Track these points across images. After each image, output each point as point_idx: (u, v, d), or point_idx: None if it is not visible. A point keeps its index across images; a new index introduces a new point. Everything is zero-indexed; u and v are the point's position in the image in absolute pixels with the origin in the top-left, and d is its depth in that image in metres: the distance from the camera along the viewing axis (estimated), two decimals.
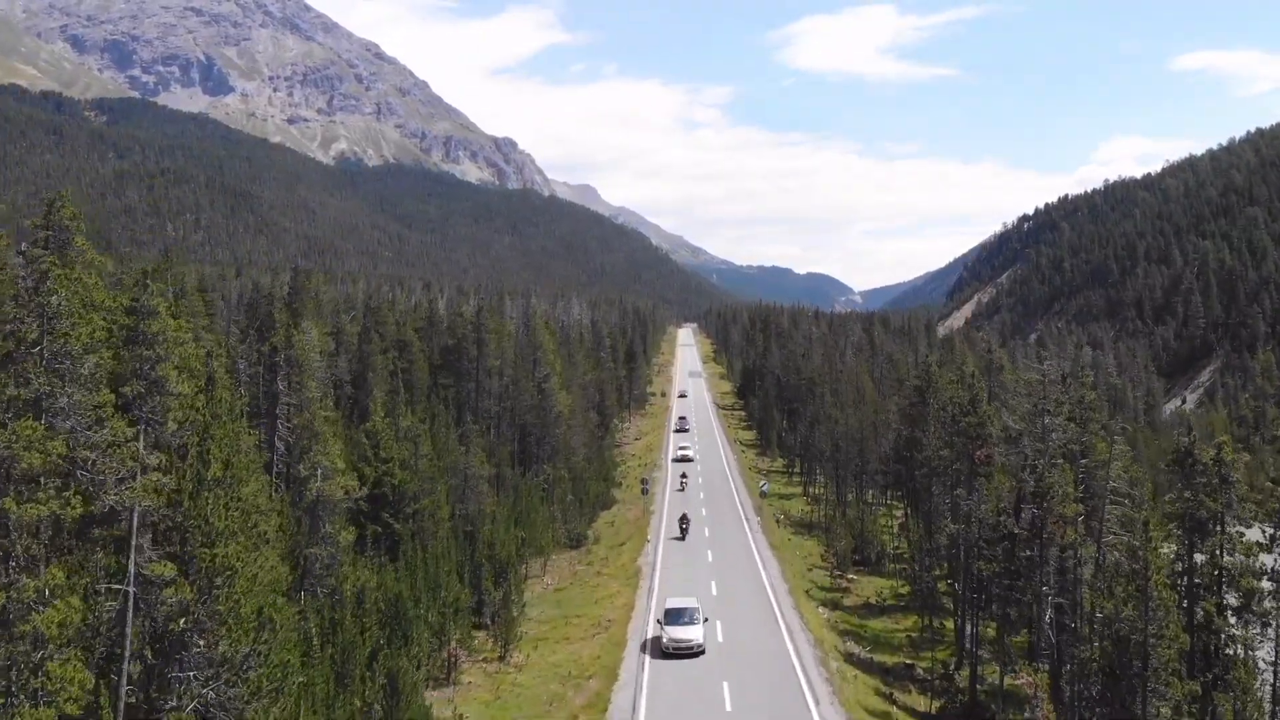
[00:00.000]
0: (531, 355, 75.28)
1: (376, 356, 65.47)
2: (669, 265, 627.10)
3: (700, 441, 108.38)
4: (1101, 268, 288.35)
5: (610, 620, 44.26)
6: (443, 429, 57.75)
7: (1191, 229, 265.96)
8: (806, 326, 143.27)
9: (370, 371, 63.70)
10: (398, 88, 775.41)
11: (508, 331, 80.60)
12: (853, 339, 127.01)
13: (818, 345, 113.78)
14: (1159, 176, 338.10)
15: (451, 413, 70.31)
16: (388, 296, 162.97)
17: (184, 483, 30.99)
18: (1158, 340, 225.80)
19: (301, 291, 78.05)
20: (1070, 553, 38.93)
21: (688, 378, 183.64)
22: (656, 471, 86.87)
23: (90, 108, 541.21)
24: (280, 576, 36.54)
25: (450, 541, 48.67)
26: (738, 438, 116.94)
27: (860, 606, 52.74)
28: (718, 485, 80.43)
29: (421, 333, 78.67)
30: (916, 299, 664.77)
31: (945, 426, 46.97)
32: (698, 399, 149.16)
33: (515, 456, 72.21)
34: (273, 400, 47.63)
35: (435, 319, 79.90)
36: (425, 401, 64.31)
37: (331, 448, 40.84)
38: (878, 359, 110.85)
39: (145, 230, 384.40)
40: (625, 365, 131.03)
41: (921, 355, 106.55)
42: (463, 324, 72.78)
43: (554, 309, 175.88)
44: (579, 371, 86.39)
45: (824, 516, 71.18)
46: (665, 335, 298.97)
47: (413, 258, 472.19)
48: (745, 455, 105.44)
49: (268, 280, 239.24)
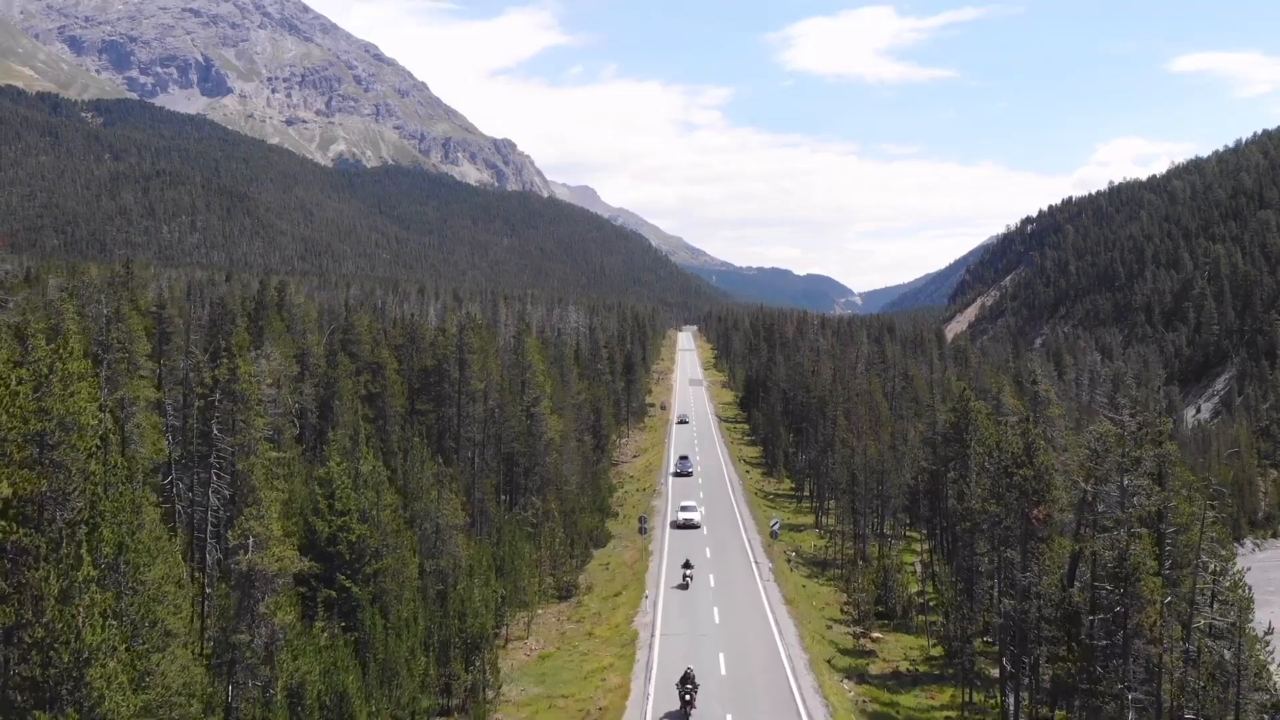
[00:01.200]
0: (520, 376, 68.33)
1: (345, 381, 58.50)
2: (668, 267, 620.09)
3: (702, 459, 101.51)
4: (1108, 271, 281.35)
5: (601, 709, 37.28)
6: (416, 466, 50.83)
7: (1201, 232, 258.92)
8: (812, 335, 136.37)
9: (337, 399, 56.71)
10: (396, 89, 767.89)
11: (494, 350, 73.62)
12: (862, 351, 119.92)
13: (826, 359, 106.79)
14: (1165, 178, 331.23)
15: (429, 444, 63.41)
16: (379, 303, 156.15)
17: (48, 585, 24.17)
18: (1169, 346, 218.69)
19: (269, 306, 71.08)
20: (1154, 644, 32.01)
21: (688, 386, 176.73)
22: (655, 499, 79.92)
23: (87, 109, 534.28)
24: (195, 678, 29.62)
25: (417, 604, 41.72)
26: (741, 455, 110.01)
27: (889, 676, 45.76)
28: (722, 515, 73.48)
29: (401, 350, 71.73)
30: (917, 301, 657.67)
31: (992, 476, 40.03)
32: (699, 411, 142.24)
33: (500, 488, 65.34)
34: (210, 446, 40.75)
35: (417, 334, 72.97)
36: (400, 431, 57.46)
37: (268, 510, 33.91)
38: (890, 373, 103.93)
39: (140, 232, 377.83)
40: (623, 377, 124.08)
41: (937, 371, 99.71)
42: (446, 342, 65.81)
43: (550, 315, 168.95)
44: (572, 391, 79.51)
45: (840, 555, 64.30)
46: (665, 340, 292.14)
47: (411, 260, 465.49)
48: (750, 475, 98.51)
49: (255, 287, 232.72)
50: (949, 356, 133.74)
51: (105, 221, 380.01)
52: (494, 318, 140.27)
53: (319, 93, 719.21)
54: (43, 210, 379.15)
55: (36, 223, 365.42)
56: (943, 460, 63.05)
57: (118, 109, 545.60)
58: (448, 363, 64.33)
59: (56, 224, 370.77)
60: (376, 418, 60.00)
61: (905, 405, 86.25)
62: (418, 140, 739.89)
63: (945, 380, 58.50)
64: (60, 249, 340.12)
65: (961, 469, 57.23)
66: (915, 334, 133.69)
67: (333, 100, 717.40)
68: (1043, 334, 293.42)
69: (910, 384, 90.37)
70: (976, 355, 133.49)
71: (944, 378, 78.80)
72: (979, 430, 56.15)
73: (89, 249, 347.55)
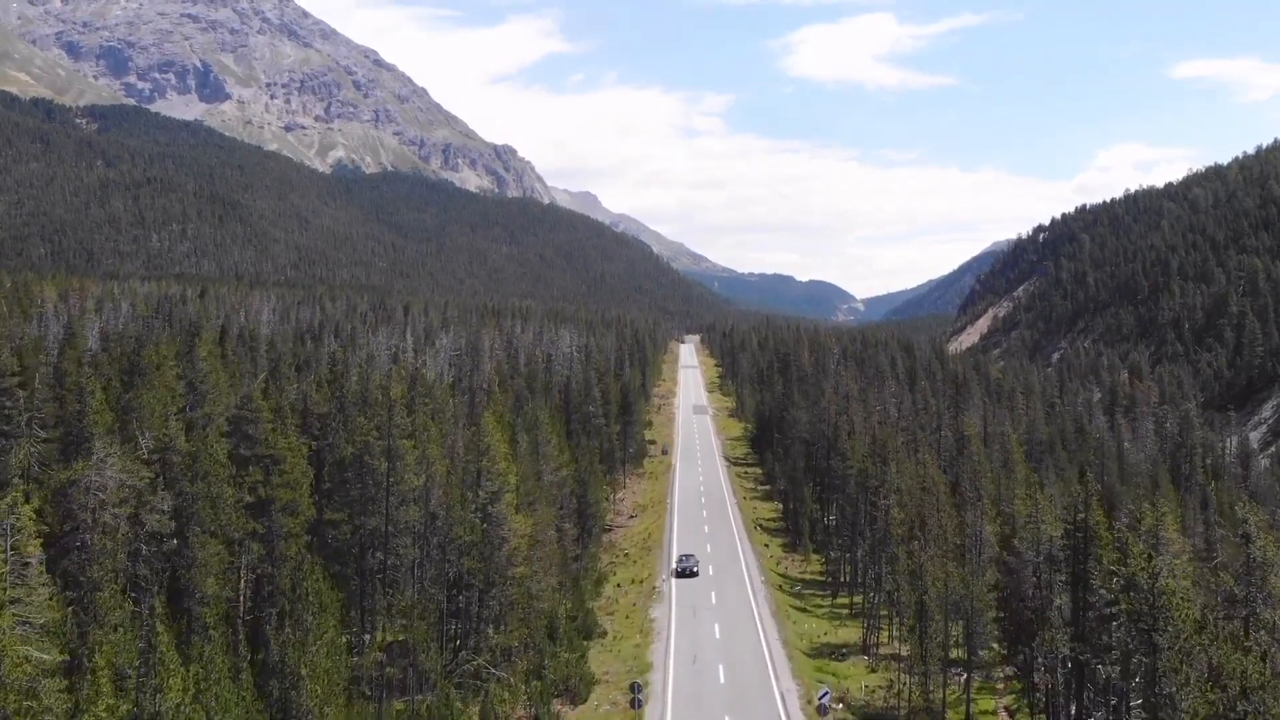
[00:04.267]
0: (476, 465, 50.30)
1: (200, 504, 40.46)
2: (670, 275, 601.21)
3: (710, 525, 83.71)
4: (1129, 283, 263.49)
5: None
6: (294, 652, 33.01)
7: (1230, 243, 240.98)
8: (833, 367, 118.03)
9: (195, 524, 38.73)
10: (396, 95, 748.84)
11: (445, 424, 55.53)
12: (891, 391, 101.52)
13: (856, 407, 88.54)
14: (1184, 186, 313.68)
15: (346, 566, 45.55)
16: (349, 329, 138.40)
17: None
18: (1204, 367, 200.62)
19: (145, 370, 53.05)
20: None
21: (692, 415, 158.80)
22: (653, 605, 61.82)
23: (82, 115, 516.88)
24: None
25: None
26: (757, 518, 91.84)
27: None
28: (742, 637, 55.57)
29: (322, 424, 53.60)
30: (922, 307, 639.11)
31: None
32: (705, 450, 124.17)
33: (444, 621, 47.40)
34: None
35: (348, 401, 54.91)
36: (290, 573, 39.71)
37: None
38: (931, 421, 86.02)
39: (129, 241, 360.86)
40: (619, 419, 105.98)
41: (992, 424, 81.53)
42: (367, 425, 47.76)
43: (541, 339, 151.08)
44: (550, 467, 61.46)
45: (902, 701, 46.36)
46: (666, 355, 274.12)
47: (408, 268, 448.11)
48: (770, 551, 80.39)
49: (235, 300, 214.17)
50: (993, 393, 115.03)
51: (93, 230, 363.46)
52: (476, 347, 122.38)
53: (318, 98, 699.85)
54: (30, 219, 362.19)
55: (23, 231, 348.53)
56: (1043, 584, 45.28)
57: (113, 115, 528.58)
58: (372, 452, 46.45)
59: (44, 233, 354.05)
60: (265, 538, 42.11)
61: (963, 472, 68.29)
62: (417, 146, 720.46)
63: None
64: (47, 258, 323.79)
65: (1079, 601, 40.33)
66: (958, 374, 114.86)
67: (332, 106, 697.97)
68: (1060, 348, 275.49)
69: (965, 450, 72.29)
70: (1036, 403, 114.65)
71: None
72: (1102, 567, 38.63)
73: (76, 258, 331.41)
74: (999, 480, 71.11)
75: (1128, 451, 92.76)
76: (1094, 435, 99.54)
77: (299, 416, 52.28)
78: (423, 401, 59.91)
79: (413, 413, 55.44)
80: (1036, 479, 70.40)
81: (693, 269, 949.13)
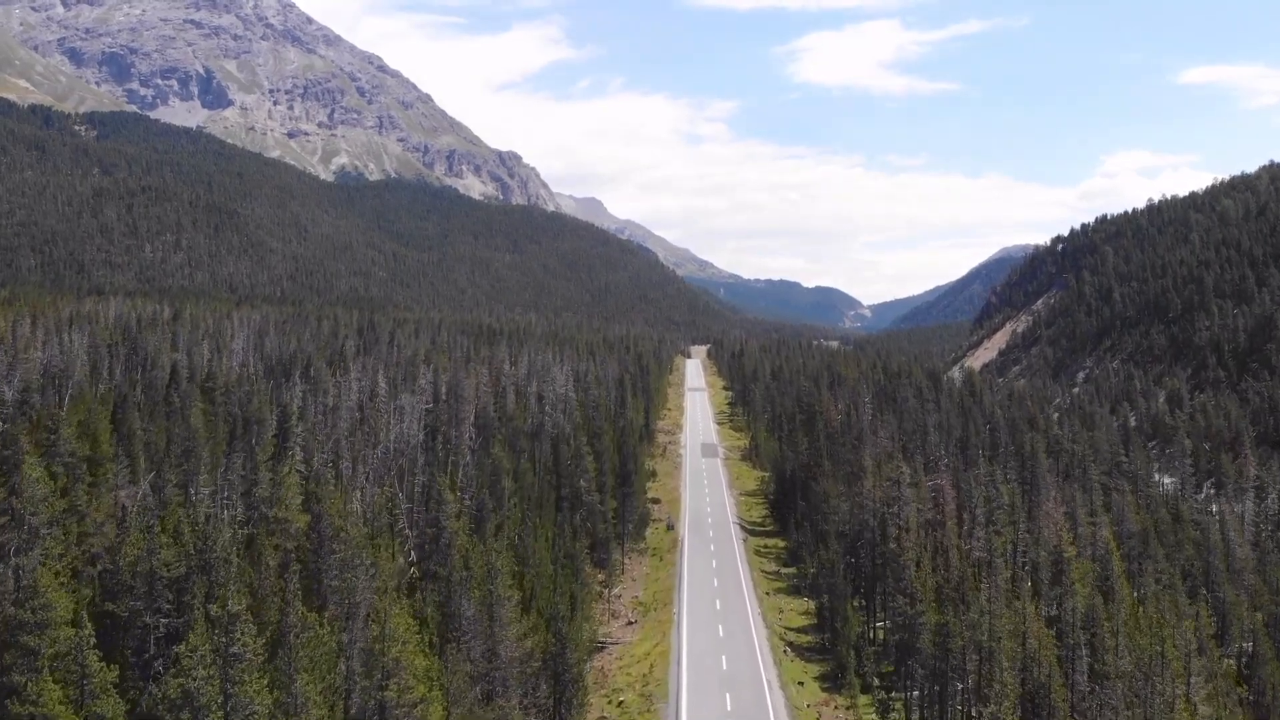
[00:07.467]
0: (377, 697, 32.07)
1: None
2: (675, 283, 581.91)
3: (728, 641, 65.66)
4: (1160, 300, 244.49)
5: None
6: None
7: (1271, 259, 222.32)
8: (867, 424, 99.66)
9: None
10: (400, 101, 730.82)
11: (328, 633, 37.26)
12: (947, 470, 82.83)
13: (910, 493, 69.40)
14: (1211, 196, 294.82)
15: None
16: (313, 370, 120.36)
17: None
18: (1253, 397, 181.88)
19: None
20: None
21: (701, 459, 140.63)
22: None
23: (80, 122, 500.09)
24: None
25: None
26: (784, 623, 73.44)
27: None
28: None
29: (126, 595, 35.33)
30: (930, 315, 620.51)
31: None
32: (718, 517, 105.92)
33: None
34: None
35: (212, 557, 36.62)
36: None
37: None
38: (1002, 518, 67.93)
39: (121, 251, 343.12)
40: (616, 492, 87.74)
41: (1083, 528, 63.30)
42: (218, 633, 29.37)
43: (531, 378, 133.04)
44: (508, 632, 42.84)
45: None
46: (671, 373, 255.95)
47: (408, 278, 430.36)
48: (805, 693, 61.97)
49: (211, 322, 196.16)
50: (1056, 456, 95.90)
51: (85, 240, 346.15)
52: (457, 393, 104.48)
53: (321, 105, 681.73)
54: (20, 229, 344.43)
55: (13, 242, 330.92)
56: None
57: (112, 121, 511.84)
58: (197, 700, 28.44)
59: (34, 243, 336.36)
60: None
61: (1068, 617, 50.02)
62: (421, 153, 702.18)
63: (1100, 546, 25.71)
64: (36, 269, 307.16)
65: None
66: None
67: (335, 112, 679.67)
68: (1085, 368, 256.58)
69: (1062, 576, 53.91)
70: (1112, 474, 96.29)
71: (1094, 539, 43.55)
72: None
73: (66, 269, 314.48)
74: (1112, 614, 52.85)
75: (1234, 543, 74.67)
76: (1189, 517, 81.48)
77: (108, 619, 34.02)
78: (336, 552, 41.44)
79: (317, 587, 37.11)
80: (1158, 617, 52.08)
81: (698, 275, 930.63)
